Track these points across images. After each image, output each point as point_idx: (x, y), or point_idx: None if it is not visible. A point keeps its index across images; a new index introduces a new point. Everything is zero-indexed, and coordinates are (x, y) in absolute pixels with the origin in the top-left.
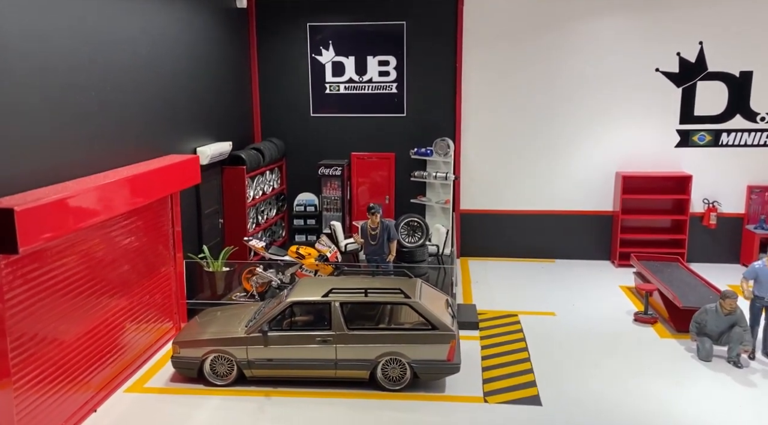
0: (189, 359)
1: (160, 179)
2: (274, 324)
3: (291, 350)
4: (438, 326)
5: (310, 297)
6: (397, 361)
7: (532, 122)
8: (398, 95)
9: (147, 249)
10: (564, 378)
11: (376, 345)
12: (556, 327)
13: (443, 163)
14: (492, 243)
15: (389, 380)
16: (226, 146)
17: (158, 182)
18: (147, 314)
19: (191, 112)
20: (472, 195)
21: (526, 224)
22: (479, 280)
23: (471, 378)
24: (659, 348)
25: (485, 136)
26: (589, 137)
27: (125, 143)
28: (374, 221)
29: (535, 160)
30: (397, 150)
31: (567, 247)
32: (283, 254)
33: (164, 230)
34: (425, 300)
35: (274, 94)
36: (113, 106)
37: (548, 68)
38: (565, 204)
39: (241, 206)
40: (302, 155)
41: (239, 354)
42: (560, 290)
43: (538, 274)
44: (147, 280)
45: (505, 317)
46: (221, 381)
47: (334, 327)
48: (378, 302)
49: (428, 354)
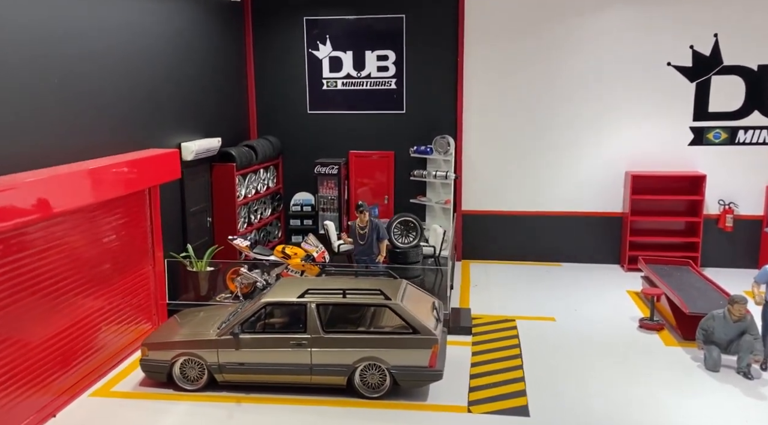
0: (158, 362)
1: (132, 172)
2: (246, 326)
3: (264, 353)
4: (419, 329)
5: (285, 298)
6: (376, 367)
7: (537, 119)
8: (397, 91)
9: (122, 246)
10: (557, 388)
11: (354, 350)
12: (554, 333)
13: (443, 161)
14: (495, 246)
15: (368, 387)
16: (213, 142)
17: (130, 175)
18: (122, 314)
19: (176, 106)
20: (474, 195)
21: (531, 225)
22: (479, 283)
23: (457, 386)
24: (663, 357)
25: (488, 134)
26: (597, 135)
27: (96, 134)
28: (363, 220)
29: (540, 158)
30: (396, 148)
31: (574, 250)
32: (268, 254)
33: (142, 226)
34: (408, 302)
35: (271, 91)
36: (82, 96)
37: (554, 63)
38: (572, 205)
39: (230, 204)
40: (299, 153)
41: (210, 357)
42: (563, 294)
43: (542, 278)
44: (122, 279)
45: (501, 323)
46: (191, 386)
47: (310, 329)
48: (356, 304)
49: (409, 359)
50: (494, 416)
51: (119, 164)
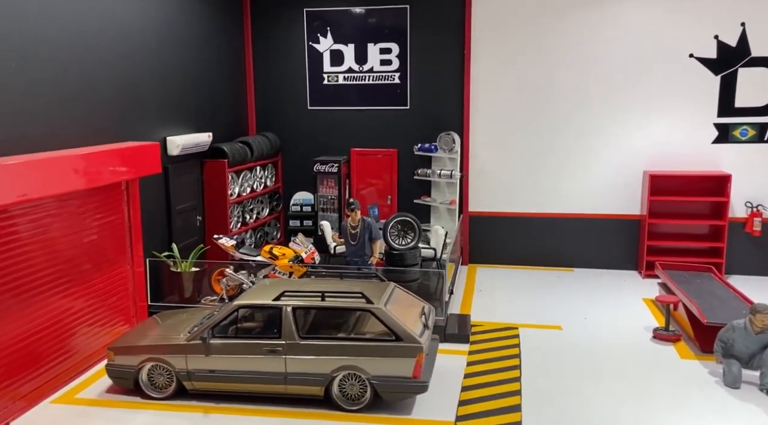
0: (124, 367)
1: (104, 163)
2: (218, 331)
3: (235, 360)
4: (403, 336)
5: (259, 300)
6: (356, 377)
7: (549, 115)
8: (401, 86)
9: (96, 243)
10: (557, 403)
11: (332, 358)
12: (560, 342)
13: (449, 160)
14: (503, 249)
15: (347, 398)
16: (203, 137)
17: (102, 167)
18: (95, 315)
19: (161, 99)
20: (482, 196)
21: (542, 228)
22: (483, 289)
23: (446, 399)
24: (678, 371)
25: (497, 131)
26: (613, 132)
27: (59, 125)
28: (354, 219)
29: (552, 157)
30: (400, 146)
31: (588, 254)
32: (255, 255)
33: (118, 222)
34: (393, 307)
35: (269, 86)
36: (44, 83)
37: (567, 56)
38: (586, 207)
39: (222, 202)
40: (299, 151)
41: (178, 363)
42: (573, 301)
43: (552, 284)
44: (96, 277)
45: (503, 330)
46: (159, 394)
47: (285, 335)
48: (335, 308)
49: (391, 369)
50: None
51: (89, 155)
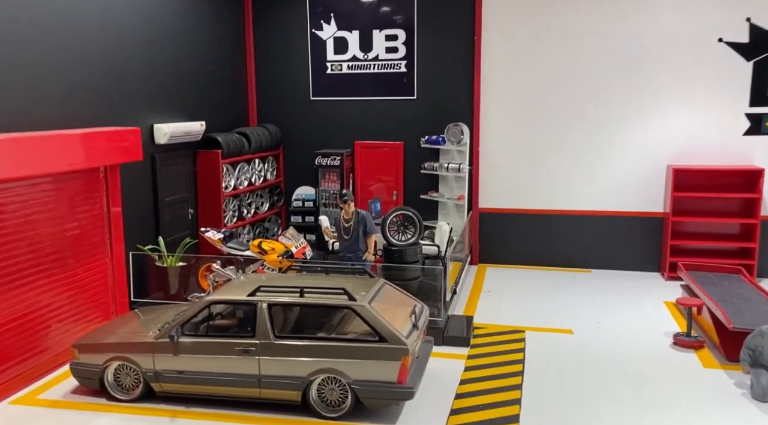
0: (89, 366)
1: (78, 147)
2: (188, 328)
3: (205, 361)
4: (387, 337)
5: (232, 296)
6: (336, 381)
7: (565, 106)
8: (408, 75)
9: (70, 233)
10: (561, 414)
11: (309, 359)
12: (569, 347)
13: (457, 152)
14: (515, 248)
15: (326, 404)
16: (194, 126)
17: (75, 151)
18: (68, 311)
19: (150, 85)
20: (493, 191)
21: (558, 226)
22: (491, 289)
23: (436, 407)
24: (700, 380)
25: (509, 122)
26: (635, 123)
27: (32, 107)
28: (348, 212)
29: (569, 150)
30: (406, 138)
31: (606, 255)
32: (244, 249)
33: (96, 212)
34: (378, 305)
35: (271, 76)
36: (13, 60)
37: (585, 43)
38: (605, 204)
39: (215, 195)
40: (301, 143)
41: (145, 363)
42: (588, 304)
43: (567, 285)
44: (69, 270)
45: (508, 334)
46: (125, 396)
47: (259, 334)
48: (313, 305)
49: (374, 372)
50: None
51: (60, 136)
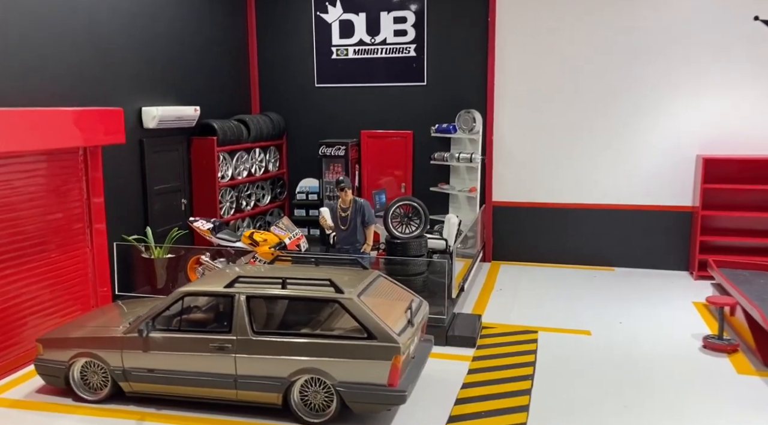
0: (54, 363)
1: (49, 124)
2: (159, 323)
3: (177, 358)
4: (376, 334)
5: (208, 287)
6: (320, 383)
7: (586, 91)
8: (417, 59)
9: (43, 220)
10: (574, 424)
11: (290, 358)
12: (586, 349)
13: (469, 141)
14: (532, 245)
15: (309, 409)
16: (188, 111)
17: (46, 128)
18: (42, 304)
19: (139, 66)
20: (507, 184)
21: (578, 221)
22: (504, 287)
23: (433, 413)
24: (734, 388)
25: (525, 110)
26: (661, 110)
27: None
28: (345, 200)
29: (589, 139)
30: (415, 127)
31: (630, 251)
32: (235, 240)
33: (75, 198)
34: (369, 299)
35: (273, 62)
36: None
37: (608, 22)
38: (629, 197)
39: (211, 185)
40: (305, 133)
41: (113, 360)
42: (608, 304)
43: (586, 284)
44: (44, 260)
45: (519, 334)
46: (92, 396)
47: (236, 329)
48: (296, 297)
49: (362, 373)
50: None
51: (30, 112)
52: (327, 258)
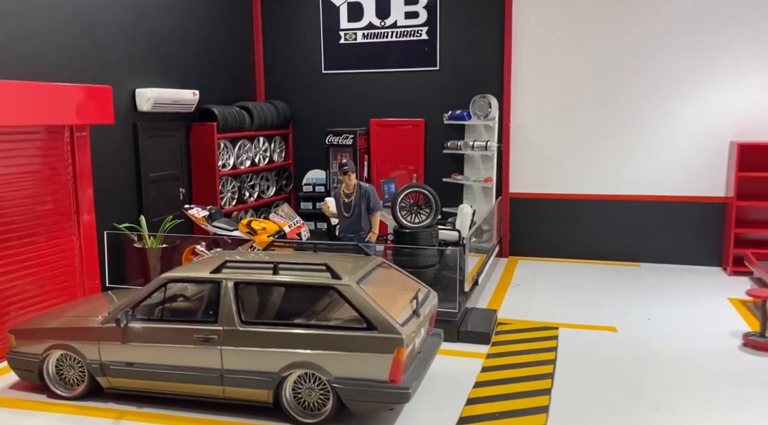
0: (27, 356)
1: (29, 97)
2: (139, 312)
3: (158, 351)
4: (376, 324)
5: (193, 273)
6: (314, 378)
7: (610, 75)
8: (430, 43)
9: (24, 204)
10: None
11: (282, 351)
12: (611, 347)
13: (484, 128)
14: (551, 239)
15: (303, 407)
16: (185, 94)
17: (26, 102)
18: (24, 295)
19: (133, 45)
20: (525, 174)
21: (601, 213)
22: (522, 283)
23: (441, 414)
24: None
25: (544, 95)
26: (691, 94)
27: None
28: (348, 185)
29: (613, 126)
30: (427, 114)
31: (657, 246)
32: (232, 229)
33: (61, 181)
34: (370, 287)
35: (279, 48)
36: None
37: (636, 1)
38: (656, 187)
39: (210, 173)
40: (312, 122)
41: (90, 352)
42: (635, 300)
43: (610, 279)
44: (26, 247)
45: (539, 330)
46: (67, 392)
47: (222, 318)
48: (289, 284)
49: (361, 368)
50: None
51: (9, 84)
52: (327, 244)
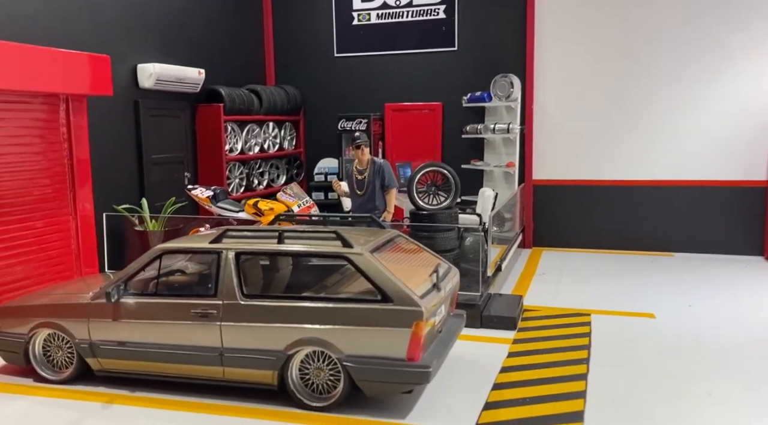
0: (12, 336)
1: (18, 62)
2: (133, 287)
3: (153, 328)
4: (392, 295)
5: (191, 244)
6: (324, 356)
7: (641, 51)
8: (447, 22)
9: (11, 181)
10: (648, 415)
11: (288, 326)
12: (650, 334)
13: (505, 110)
14: (578, 228)
15: (311, 390)
16: (190, 72)
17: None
18: (13, 277)
19: (134, 18)
20: (550, 160)
21: (631, 201)
22: (548, 272)
23: (465, 399)
24: None
25: (570, 76)
26: (728, 72)
27: None
28: (362, 160)
29: (644, 106)
30: (445, 98)
31: (692, 234)
32: (237, 210)
33: (53, 157)
34: (385, 258)
35: (290, 31)
36: None
37: None
38: (691, 172)
39: (217, 157)
40: (324, 109)
41: (79, 331)
42: (673, 287)
43: (643, 269)
44: (14, 229)
45: (569, 317)
46: (55, 375)
47: (222, 292)
48: (296, 253)
49: (375, 345)
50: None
51: None
52: (339, 217)
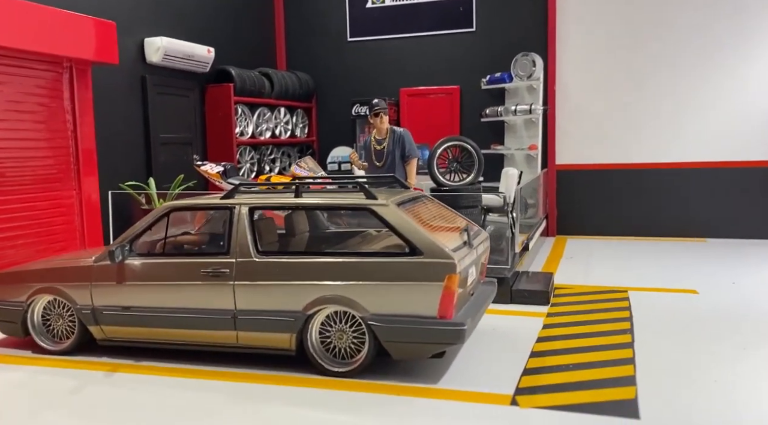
0: (9, 304)
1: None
2: (138, 248)
3: (160, 291)
4: (422, 248)
5: (202, 201)
6: (347, 316)
7: (670, 28)
8: (465, 2)
9: (9, 150)
10: (702, 378)
11: (307, 284)
12: (694, 309)
13: (527, 90)
14: (605, 215)
15: (332, 354)
16: (199, 50)
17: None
18: (14, 251)
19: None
20: (574, 143)
21: (660, 185)
22: (576, 256)
23: (501, 365)
24: None
25: (594, 55)
26: (761, 46)
27: None
28: (381, 130)
29: (673, 85)
30: (463, 81)
31: (726, 219)
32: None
33: (56, 128)
34: (412, 213)
35: (302, 15)
36: None
37: None
38: (725, 152)
39: (227, 139)
40: (337, 96)
41: (80, 297)
42: (712, 267)
43: (676, 254)
44: (14, 201)
45: (605, 293)
46: (54, 346)
47: (235, 250)
48: (315, 206)
49: (403, 302)
50: (573, 415)
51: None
52: (359, 178)
